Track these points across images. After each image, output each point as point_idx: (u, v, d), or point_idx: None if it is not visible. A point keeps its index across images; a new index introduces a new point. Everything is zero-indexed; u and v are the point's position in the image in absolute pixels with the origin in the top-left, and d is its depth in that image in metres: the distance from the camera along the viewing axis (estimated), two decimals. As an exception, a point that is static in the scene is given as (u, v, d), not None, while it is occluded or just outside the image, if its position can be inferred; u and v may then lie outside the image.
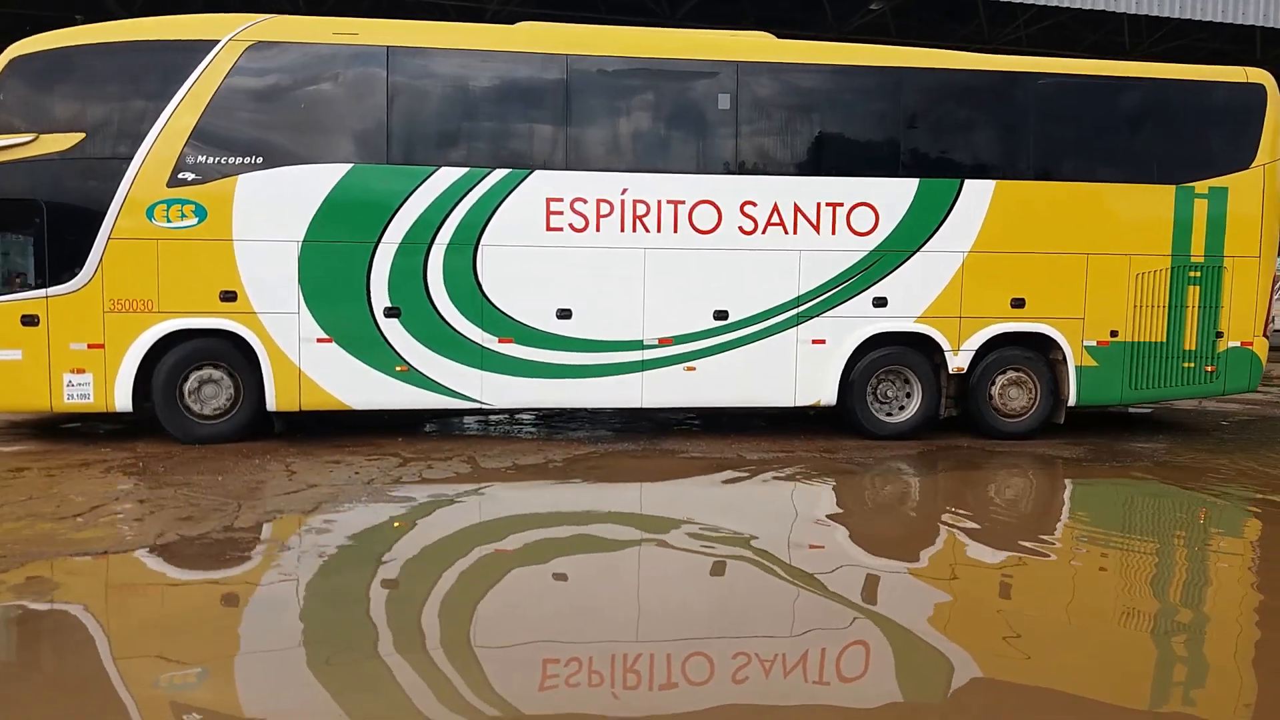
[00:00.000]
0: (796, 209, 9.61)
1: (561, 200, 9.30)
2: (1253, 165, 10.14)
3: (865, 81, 9.76)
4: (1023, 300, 9.98)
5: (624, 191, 9.39)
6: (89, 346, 8.80)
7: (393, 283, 9.15)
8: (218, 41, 8.78)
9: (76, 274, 8.72)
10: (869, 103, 9.82)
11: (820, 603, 5.30)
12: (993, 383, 10.11)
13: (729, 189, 9.53)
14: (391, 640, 4.60)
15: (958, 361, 9.98)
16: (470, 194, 9.16)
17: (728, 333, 9.65)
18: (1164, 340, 10.25)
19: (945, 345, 9.93)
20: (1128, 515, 7.81)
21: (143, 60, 8.79)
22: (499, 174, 9.19)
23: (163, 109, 8.71)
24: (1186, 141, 10.22)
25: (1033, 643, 4.74)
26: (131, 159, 8.69)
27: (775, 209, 9.59)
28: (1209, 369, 10.36)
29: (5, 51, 8.70)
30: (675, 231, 9.49)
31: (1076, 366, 10.11)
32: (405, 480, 7.83)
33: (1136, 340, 10.19)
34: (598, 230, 9.38)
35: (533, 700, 4.00)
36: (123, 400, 8.88)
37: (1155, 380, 10.30)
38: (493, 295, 9.30)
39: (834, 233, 9.68)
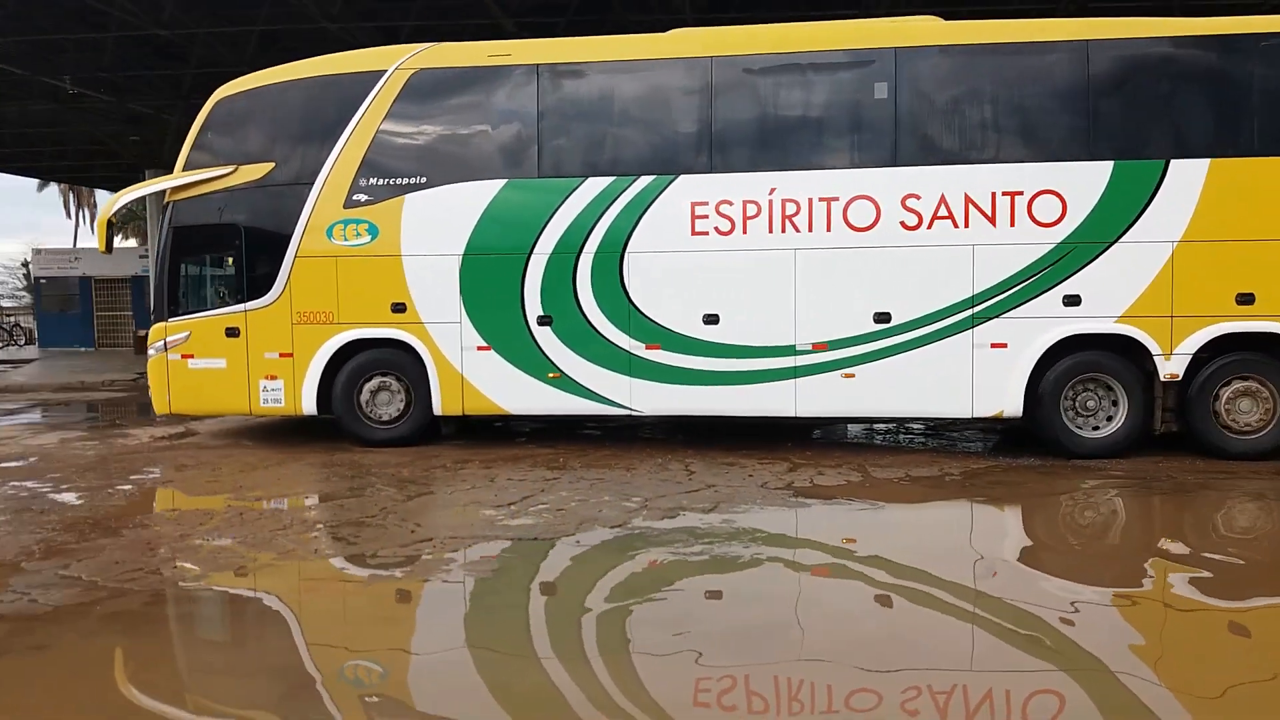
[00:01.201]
0: (967, 200, 8.74)
1: (706, 204, 9.05)
2: None
3: (1041, 59, 8.71)
4: (1251, 296, 8.46)
5: (772, 191, 8.99)
6: (280, 355, 9.66)
7: (545, 291, 9.30)
8: (384, 71, 9.42)
9: (270, 289, 9.63)
10: (1046, 82, 8.74)
11: None
12: (1218, 393, 8.63)
13: (888, 182, 8.85)
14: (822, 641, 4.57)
15: (1170, 368, 8.61)
16: (616, 202, 9.15)
17: (891, 336, 8.93)
18: None
19: (1154, 349, 8.60)
20: None
21: (321, 93, 9.60)
22: (644, 181, 9.11)
23: (339, 136, 9.44)
24: None
25: None
26: (313, 184, 9.49)
27: (942, 201, 8.78)
28: None
29: (213, 95, 9.83)
30: (828, 230, 8.94)
31: (1328, 373, 8.44)
32: (797, 485, 7.90)
33: None
34: (744, 232, 9.03)
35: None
36: (309, 405, 9.65)
37: None
38: (639, 302, 9.21)
39: (1012, 224, 8.70)
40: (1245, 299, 8.49)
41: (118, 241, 39.52)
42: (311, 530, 6.60)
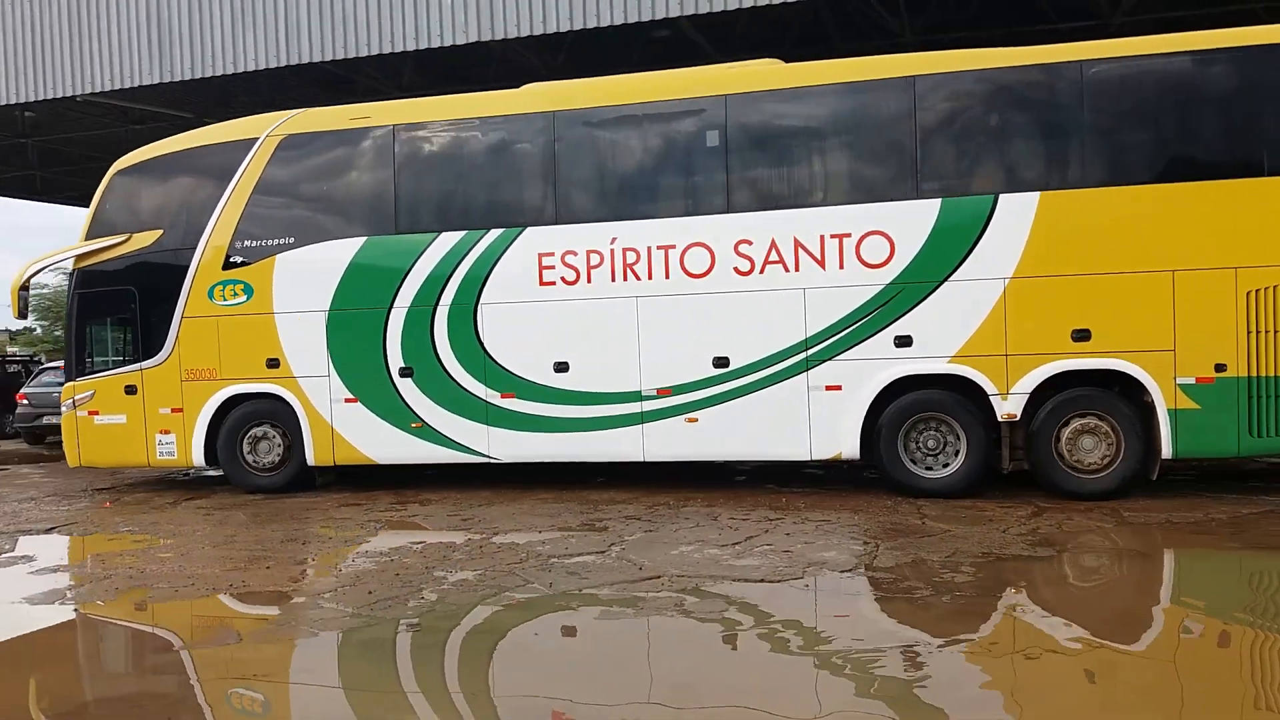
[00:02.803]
0: (797, 244, 8.77)
1: (553, 254, 9.30)
2: None
3: (866, 98, 8.74)
4: (1087, 332, 8.26)
5: (613, 241, 9.17)
6: (172, 411, 10.25)
7: (405, 344, 9.66)
8: (257, 139, 9.95)
9: (161, 349, 10.23)
10: (871, 121, 8.78)
11: None
12: (1059, 432, 8.43)
13: (721, 229, 8.94)
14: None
15: (1007, 408, 8.45)
16: (469, 255, 9.46)
17: (730, 380, 9.00)
18: (1298, 374, 7.98)
19: (990, 389, 8.47)
20: None
21: (203, 161, 10.20)
22: (494, 234, 9.41)
23: (218, 202, 10.01)
24: (1312, 117, 7.98)
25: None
26: (196, 248, 10.07)
27: (773, 245, 8.82)
28: (1373, 410, 7.87)
29: (111, 167, 10.52)
30: (667, 277, 9.08)
31: (1170, 410, 8.14)
32: (1041, 531, 7.35)
33: (1255, 375, 8.01)
34: (589, 281, 9.24)
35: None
36: (198, 456, 10.20)
37: (1290, 425, 8.02)
38: (494, 352, 9.49)
39: (842, 266, 8.69)
40: (1081, 335, 8.29)
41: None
42: (545, 565, 6.74)
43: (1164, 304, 8.14)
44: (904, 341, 8.62)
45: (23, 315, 10.64)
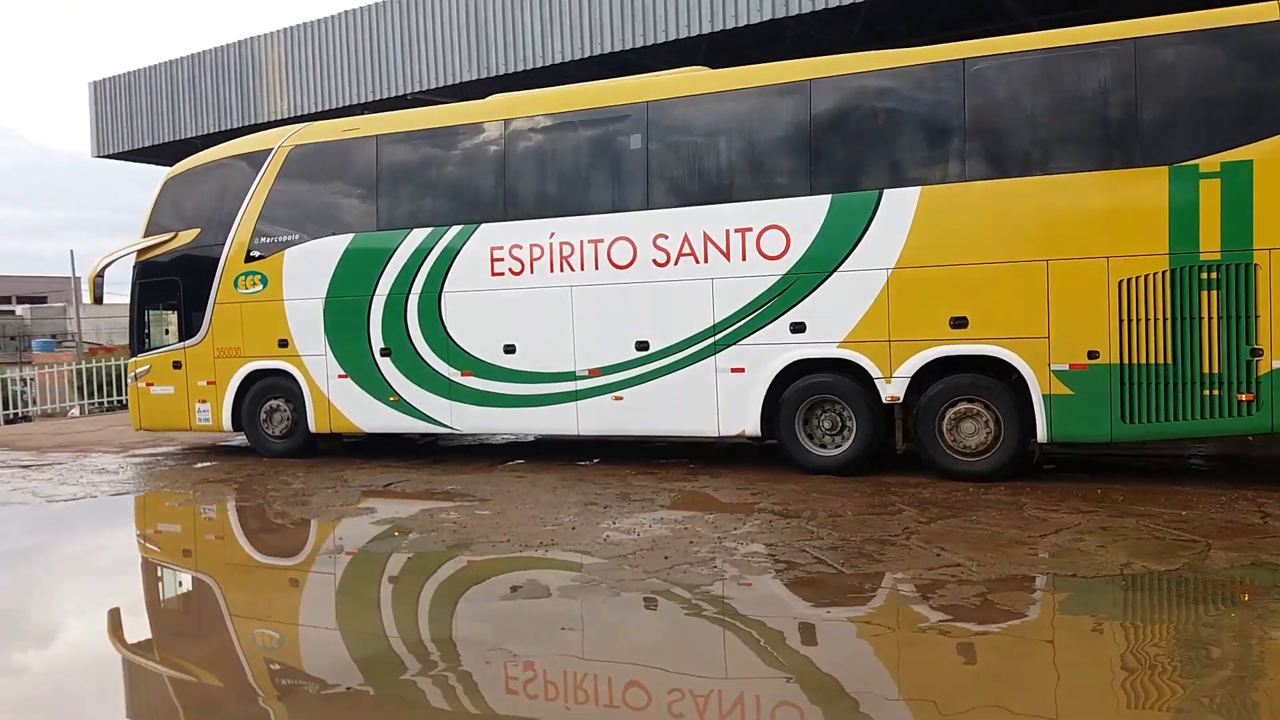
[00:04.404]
0: (706, 238, 9.52)
1: (502, 248, 10.41)
2: (1289, 127, 7.70)
3: (766, 101, 9.37)
4: (965, 319, 8.62)
5: (551, 235, 10.19)
6: (208, 383, 12.04)
7: (384, 327, 11.02)
8: (272, 149, 11.55)
9: (200, 330, 12.03)
10: (770, 122, 9.40)
11: None
12: (942, 415, 8.83)
13: (641, 224, 9.79)
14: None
15: (891, 390, 8.92)
16: (435, 249, 10.70)
17: (649, 363, 9.85)
18: (1169, 362, 8.07)
19: (875, 372, 8.96)
20: None
21: (232, 169, 11.91)
22: (454, 230, 10.61)
23: (242, 203, 11.68)
24: (1180, 111, 8.06)
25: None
26: (225, 244, 11.79)
27: (686, 239, 9.60)
28: (1244, 398, 7.88)
29: (163, 175, 12.39)
30: (596, 268, 10.01)
31: (1044, 395, 8.42)
32: None
33: (1126, 362, 8.18)
34: (532, 272, 10.29)
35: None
36: (227, 422, 11.95)
37: (1161, 412, 8.12)
38: (455, 334, 10.69)
39: (744, 259, 9.38)
40: (959, 322, 8.67)
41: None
42: (837, 545, 6.76)
43: (1038, 293, 8.41)
44: (798, 328, 9.22)
45: (98, 300, 12.72)
